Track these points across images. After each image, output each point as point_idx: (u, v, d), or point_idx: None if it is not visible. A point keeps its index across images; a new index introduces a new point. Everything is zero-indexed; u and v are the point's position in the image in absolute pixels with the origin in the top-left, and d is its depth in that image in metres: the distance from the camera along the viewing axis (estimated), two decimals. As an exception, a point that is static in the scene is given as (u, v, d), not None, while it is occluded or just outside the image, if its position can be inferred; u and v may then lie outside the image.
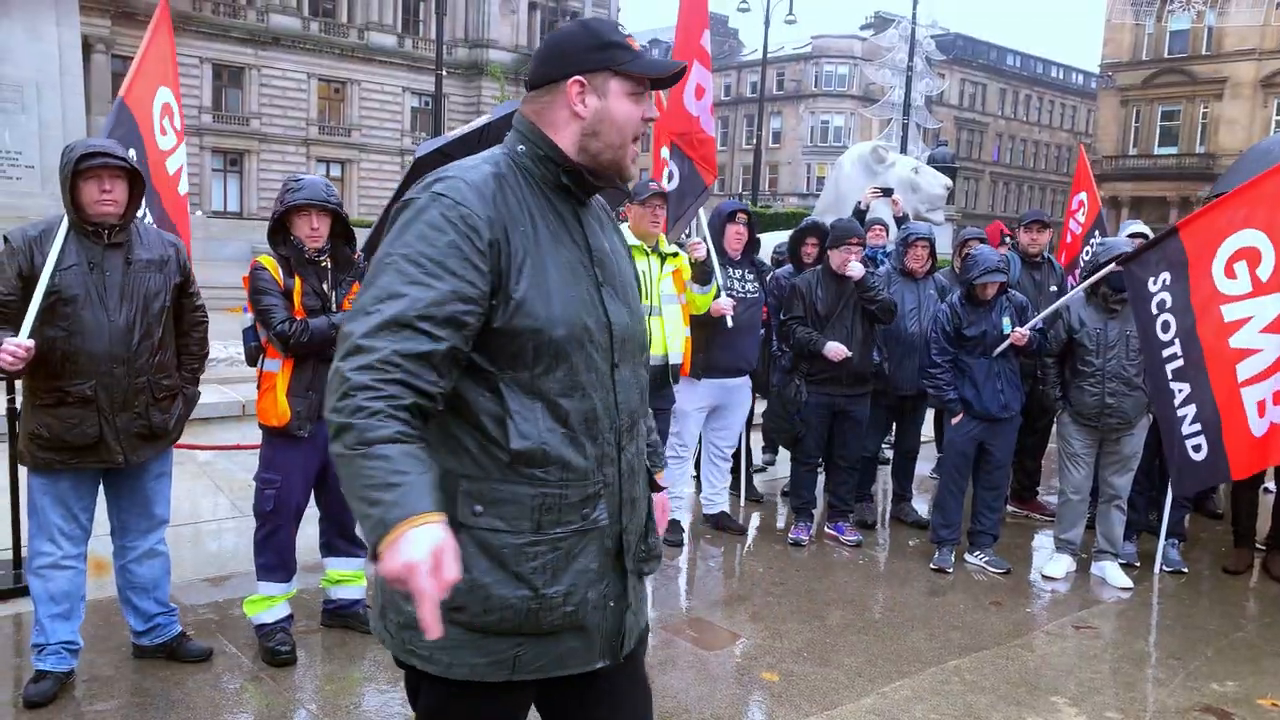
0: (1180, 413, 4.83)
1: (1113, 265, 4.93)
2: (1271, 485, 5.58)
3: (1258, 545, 5.47)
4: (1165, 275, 4.80)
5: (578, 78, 1.73)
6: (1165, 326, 4.80)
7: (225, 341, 7.27)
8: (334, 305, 3.62)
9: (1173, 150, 40.44)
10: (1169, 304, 4.77)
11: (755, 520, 6.00)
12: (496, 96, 38.49)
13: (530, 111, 1.78)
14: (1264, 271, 4.66)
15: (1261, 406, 4.71)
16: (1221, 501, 6.41)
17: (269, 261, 3.58)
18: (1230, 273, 4.72)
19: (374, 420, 1.48)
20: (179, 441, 3.59)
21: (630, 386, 1.81)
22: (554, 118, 1.75)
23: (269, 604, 3.63)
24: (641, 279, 4.63)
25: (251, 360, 3.69)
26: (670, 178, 4.72)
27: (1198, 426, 4.81)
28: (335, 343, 1.58)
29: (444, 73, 23.90)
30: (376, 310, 1.55)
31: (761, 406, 6.03)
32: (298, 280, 3.56)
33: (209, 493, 5.87)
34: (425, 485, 1.46)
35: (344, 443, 1.48)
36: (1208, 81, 39.09)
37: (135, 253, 3.28)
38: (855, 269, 5.16)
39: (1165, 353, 4.81)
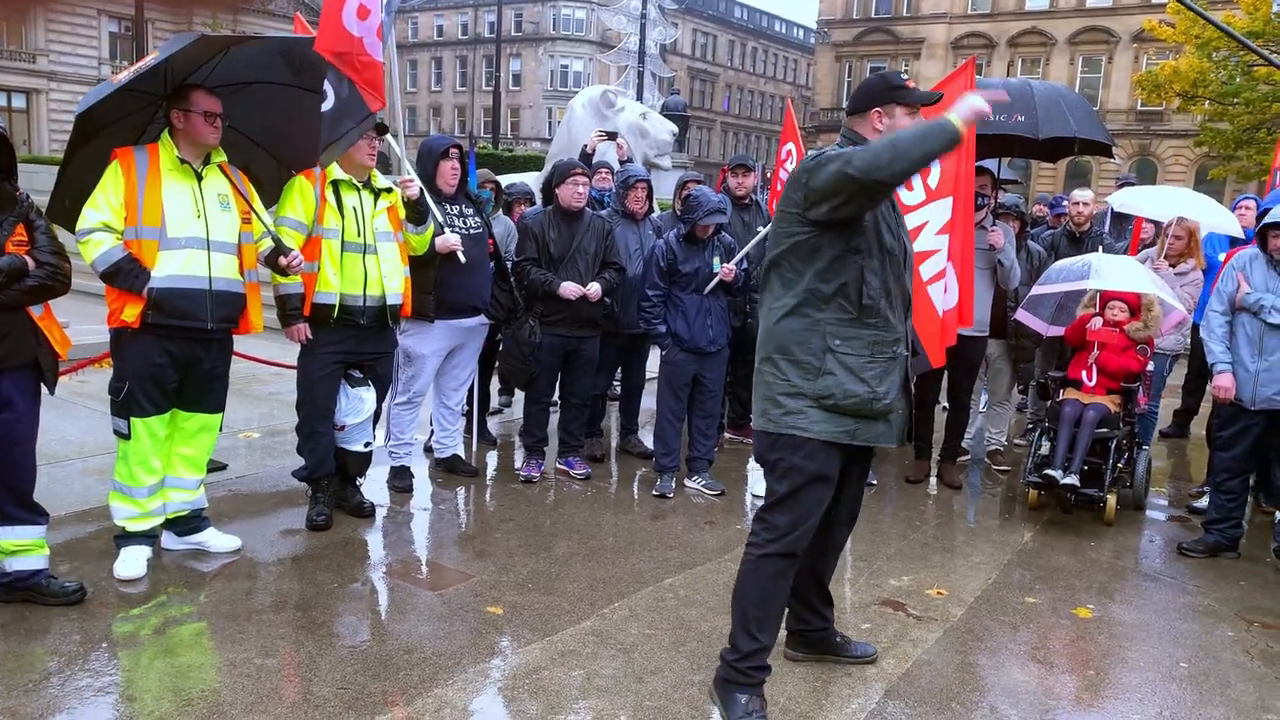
0: None
1: None
2: (946, 403, 6.32)
3: (935, 458, 6.20)
4: None
5: (877, 109, 3.02)
6: None
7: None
8: (-6, 247, 3.21)
9: (880, 105, 43.92)
10: None
11: (491, 461, 6.04)
12: (209, 25, 34.91)
13: (854, 126, 3.08)
14: (933, 181, 5.24)
15: (943, 294, 5.28)
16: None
17: (-90, 199, 3.12)
18: (908, 185, 5.25)
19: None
20: None
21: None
22: (865, 132, 3.04)
23: (-74, 583, 3.24)
24: (353, 215, 4.50)
25: None
26: (326, 98, 4.38)
27: None
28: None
29: (144, -5, 21.62)
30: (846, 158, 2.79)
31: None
32: (-53, 220, 3.14)
33: None
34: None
35: (890, 159, 2.71)
36: (908, 41, 42.76)
37: None
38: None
39: None
